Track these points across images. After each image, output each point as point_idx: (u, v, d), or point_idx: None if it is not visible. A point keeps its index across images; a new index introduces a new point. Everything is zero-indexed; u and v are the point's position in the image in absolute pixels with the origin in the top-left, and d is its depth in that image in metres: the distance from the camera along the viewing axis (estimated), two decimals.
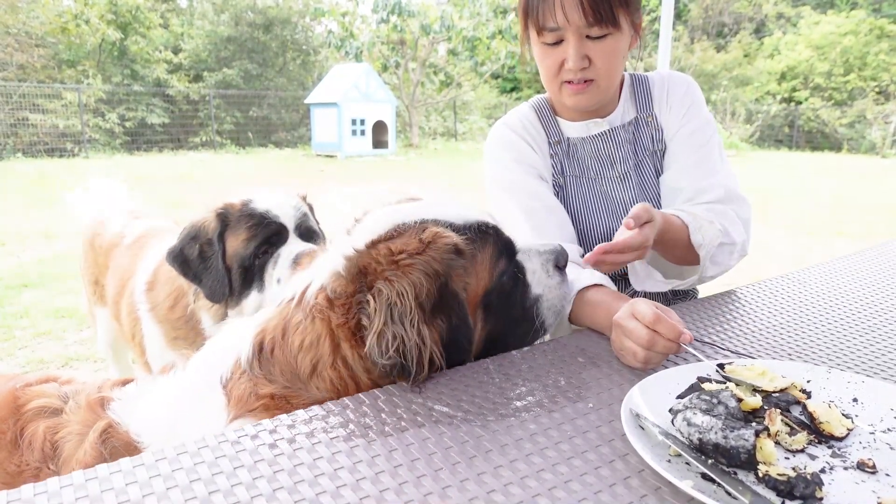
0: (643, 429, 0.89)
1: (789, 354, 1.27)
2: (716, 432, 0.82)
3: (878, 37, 26.79)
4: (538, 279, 1.33)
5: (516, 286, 1.29)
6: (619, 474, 0.83)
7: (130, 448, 1.04)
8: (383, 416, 1.00)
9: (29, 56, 20.80)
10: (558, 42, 1.60)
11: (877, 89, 26.26)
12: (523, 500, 0.77)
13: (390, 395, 1.07)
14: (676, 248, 1.60)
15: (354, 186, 12.88)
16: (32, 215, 9.08)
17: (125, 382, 1.18)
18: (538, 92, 2.07)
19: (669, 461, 0.82)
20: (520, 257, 1.32)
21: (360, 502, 0.77)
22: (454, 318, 1.14)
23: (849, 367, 1.20)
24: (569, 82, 1.65)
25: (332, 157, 20.39)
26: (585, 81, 1.64)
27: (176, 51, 25.39)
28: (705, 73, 28.78)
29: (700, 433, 0.83)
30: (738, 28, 34.27)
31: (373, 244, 1.16)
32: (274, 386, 1.07)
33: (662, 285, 1.68)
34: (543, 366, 1.21)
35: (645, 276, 1.68)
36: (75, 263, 6.38)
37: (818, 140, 26.87)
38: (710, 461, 0.82)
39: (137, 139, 21.74)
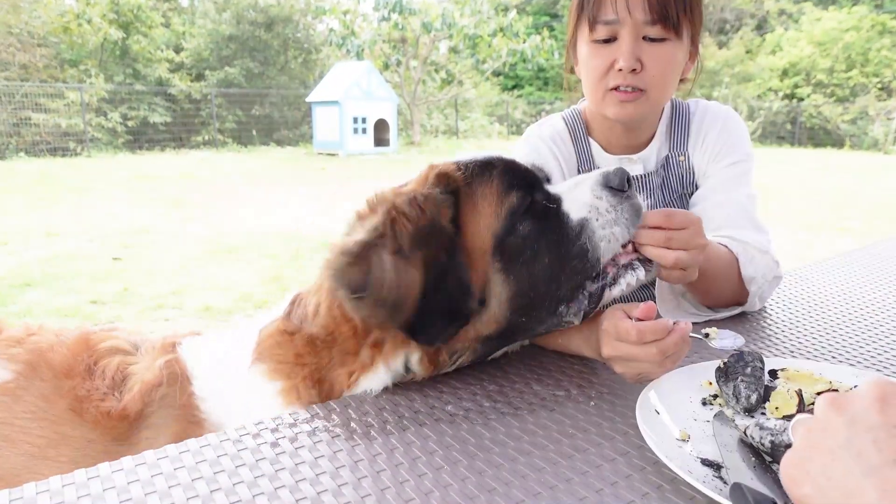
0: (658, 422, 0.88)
1: (791, 352, 1.27)
2: (788, 432, 0.79)
3: (880, 33, 26.73)
4: (580, 203, 1.11)
5: (547, 223, 1.09)
6: (621, 472, 0.83)
7: (183, 377, 1.14)
8: (385, 414, 1.00)
9: (31, 56, 20.84)
10: (610, 40, 1.46)
11: (879, 85, 26.20)
12: (525, 498, 0.77)
13: (392, 394, 1.07)
14: (718, 282, 1.41)
15: (356, 184, 12.89)
16: (35, 215, 9.11)
17: (195, 334, 1.28)
18: (539, 90, 2.00)
19: (678, 445, 0.83)
20: (556, 190, 1.16)
21: (362, 501, 0.77)
22: (441, 253, 1.02)
23: (851, 364, 1.20)
24: (615, 89, 1.49)
25: (333, 155, 20.40)
26: (634, 91, 1.48)
27: (178, 50, 25.43)
28: (707, 70, 28.73)
29: (772, 436, 0.81)
30: (739, 24, 34.22)
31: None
32: (288, 324, 1.14)
33: (694, 317, 1.48)
34: (544, 364, 1.21)
35: (674, 305, 1.49)
36: (77, 263, 6.42)
37: (820, 137, 26.82)
38: (769, 461, 0.80)
39: (140, 138, 21.78)
